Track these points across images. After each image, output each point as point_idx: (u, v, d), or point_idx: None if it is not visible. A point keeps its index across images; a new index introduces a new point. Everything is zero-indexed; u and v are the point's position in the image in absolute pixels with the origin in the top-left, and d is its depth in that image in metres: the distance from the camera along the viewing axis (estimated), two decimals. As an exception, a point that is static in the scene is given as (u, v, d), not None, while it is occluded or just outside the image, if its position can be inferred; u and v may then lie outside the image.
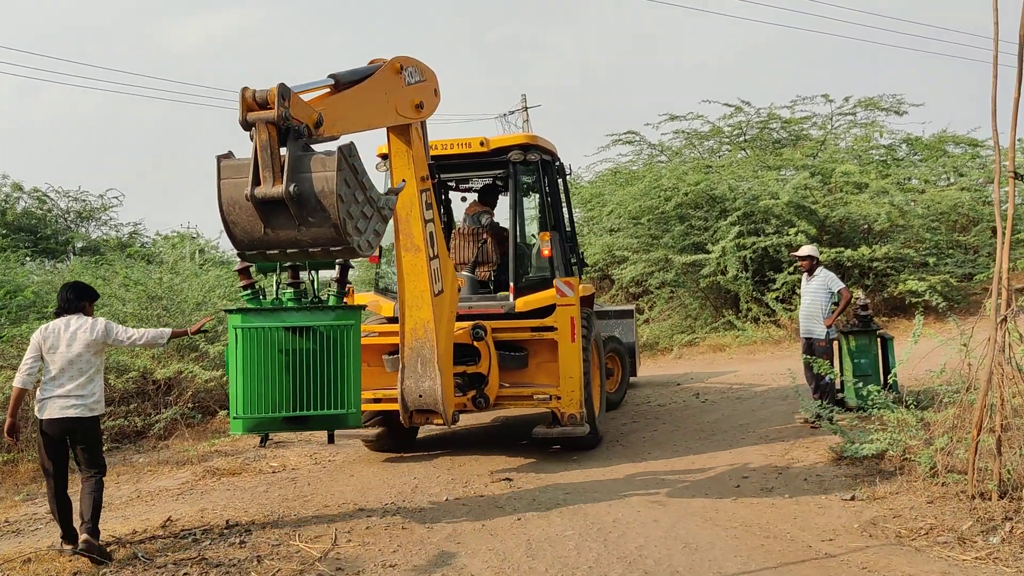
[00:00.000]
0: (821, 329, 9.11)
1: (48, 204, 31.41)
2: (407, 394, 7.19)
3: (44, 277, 17.45)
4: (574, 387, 7.75)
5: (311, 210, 4.84)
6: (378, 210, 5.22)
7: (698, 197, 17.07)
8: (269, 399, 6.04)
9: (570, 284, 7.97)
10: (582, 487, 7.02)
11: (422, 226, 6.83)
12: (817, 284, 9.23)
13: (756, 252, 16.09)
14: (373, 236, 5.18)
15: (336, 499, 6.99)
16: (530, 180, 8.95)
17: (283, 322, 6.15)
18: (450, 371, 7.39)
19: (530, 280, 8.41)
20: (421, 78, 6.71)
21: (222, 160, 5.00)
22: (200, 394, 10.80)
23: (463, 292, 8.28)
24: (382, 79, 6.17)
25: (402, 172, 6.83)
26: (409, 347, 7.12)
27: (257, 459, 8.67)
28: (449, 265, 7.44)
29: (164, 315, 11.65)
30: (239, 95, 4.92)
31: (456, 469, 7.90)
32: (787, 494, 6.55)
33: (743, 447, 8.27)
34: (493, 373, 7.87)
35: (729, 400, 10.95)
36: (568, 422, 7.77)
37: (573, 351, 7.78)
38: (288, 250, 5.06)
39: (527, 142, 8.45)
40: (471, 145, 8.34)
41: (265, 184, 4.81)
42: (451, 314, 7.50)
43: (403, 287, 7.05)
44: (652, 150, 22.18)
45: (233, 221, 4.95)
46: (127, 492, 7.73)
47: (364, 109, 5.93)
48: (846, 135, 20.98)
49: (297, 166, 4.82)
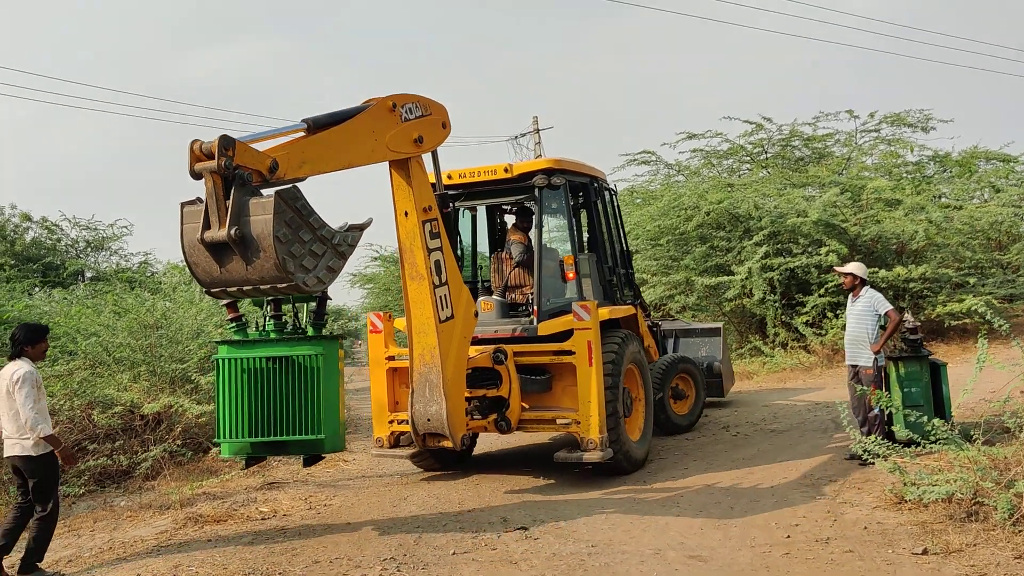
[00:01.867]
0: (868, 355, 8.25)
1: (57, 234, 31.03)
2: (416, 418, 7.29)
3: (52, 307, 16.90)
4: (592, 411, 7.65)
5: (254, 251, 5.29)
6: (333, 247, 5.66)
7: (720, 216, 16.27)
8: (248, 424, 6.51)
9: (587, 308, 7.78)
10: (609, 540, 6.16)
11: (425, 255, 7.02)
12: (862, 306, 8.37)
13: (783, 274, 15.24)
14: (325, 272, 5.60)
15: (328, 552, 6.16)
16: (553, 204, 8.79)
17: (260, 352, 6.61)
18: (458, 396, 7.38)
19: (556, 304, 8.28)
20: (423, 112, 7.05)
21: (185, 206, 5.51)
22: (191, 430, 10.05)
23: (490, 316, 8.47)
24: (369, 118, 6.49)
25: (404, 204, 7.04)
26: (418, 372, 7.23)
27: (246, 504, 7.86)
28: (462, 292, 7.47)
29: (158, 345, 10.92)
30: (188, 147, 5.38)
31: (465, 516, 7.07)
32: (847, 546, 5.67)
33: (786, 488, 7.39)
34: (514, 396, 7.89)
35: (763, 433, 10.06)
36: (587, 447, 7.67)
37: (591, 375, 7.67)
38: (244, 287, 5.51)
39: (551, 166, 8.38)
40: (496, 172, 8.47)
41: (213, 228, 5.32)
42: (463, 339, 7.46)
43: (410, 314, 7.21)
44: (669, 170, 21.42)
45: (194, 262, 5.50)
46: (100, 542, 6.94)
47: (341, 149, 6.24)
48: (871, 152, 20.13)
49: (240, 211, 5.27)
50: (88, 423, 9.51)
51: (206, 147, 5.31)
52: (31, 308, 15.41)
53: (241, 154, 5.37)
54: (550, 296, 8.36)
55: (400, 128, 6.78)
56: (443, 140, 7.40)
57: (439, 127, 7.27)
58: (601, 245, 9.16)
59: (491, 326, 8.30)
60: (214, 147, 5.24)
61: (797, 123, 20.44)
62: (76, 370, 10.66)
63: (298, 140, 5.98)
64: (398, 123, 6.77)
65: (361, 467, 9.57)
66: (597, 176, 9.34)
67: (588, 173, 9.13)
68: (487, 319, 8.46)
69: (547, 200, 8.52)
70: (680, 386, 10.67)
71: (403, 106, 6.84)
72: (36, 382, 6.04)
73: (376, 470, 9.36)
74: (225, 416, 6.57)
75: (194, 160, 5.35)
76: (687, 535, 6.18)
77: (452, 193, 8.72)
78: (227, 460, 8.65)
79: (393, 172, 7.03)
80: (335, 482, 8.79)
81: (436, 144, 7.33)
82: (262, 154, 5.58)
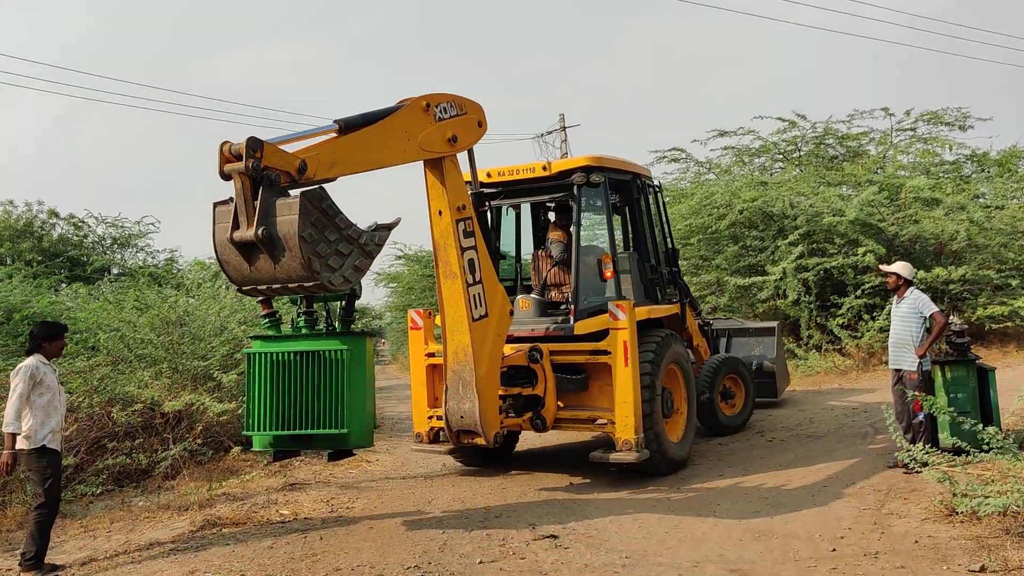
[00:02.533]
0: (912, 359, 7.88)
1: (84, 231, 31.20)
2: (450, 415, 7.32)
3: (76, 303, 16.84)
4: (628, 412, 7.55)
5: (281, 250, 5.38)
6: (359, 247, 5.72)
7: (753, 215, 15.88)
8: (277, 417, 6.58)
9: (622, 307, 7.67)
10: (643, 551, 5.86)
11: (458, 254, 7.03)
12: (907, 308, 8.00)
13: (818, 274, 14.82)
14: (351, 271, 5.67)
15: (350, 559, 5.91)
16: (596, 202, 8.73)
17: (289, 347, 6.69)
18: (491, 394, 7.37)
19: (593, 303, 8.15)
20: (458, 112, 7.05)
21: (217, 206, 5.61)
22: (213, 428, 9.83)
23: (528, 314, 8.40)
24: (402, 118, 6.51)
25: (438, 203, 7.05)
26: (451, 370, 7.26)
27: (266, 506, 7.63)
28: (497, 290, 7.48)
29: (180, 342, 10.75)
30: (218, 149, 5.46)
31: (491, 521, 6.79)
32: (898, 562, 5.33)
33: (828, 497, 7.05)
34: (550, 395, 7.88)
35: (800, 439, 9.71)
36: (622, 447, 7.57)
37: (627, 375, 7.56)
38: (273, 286, 5.58)
39: (590, 164, 8.26)
40: (535, 170, 8.43)
41: (242, 228, 5.42)
42: (497, 338, 7.44)
43: (443, 312, 7.24)
44: (699, 167, 20.98)
45: (226, 260, 5.61)
46: (116, 544, 6.74)
47: (372, 150, 6.27)
48: (908, 151, 19.60)
49: (268, 211, 5.36)
50: (108, 420, 9.33)
51: (235, 148, 5.39)
52: (55, 304, 15.37)
53: (269, 155, 5.45)
54: (588, 295, 8.24)
55: (434, 128, 6.79)
56: (479, 139, 7.40)
57: (474, 126, 7.28)
58: (643, 243, 9.05)
59: (528, 324, 8.24)
60: (242, 148, 5.33)
61: (831, 121, 19.96)
62: (97, 366, 10.51)
63: (329, 141, 6.03)
64: (432, 123, 6.78)
65: (385, 468, 9.33)
66: (640, 173, 9.18)
67: (630, 170, 8.99)
68: (525, 317, 8.39)
69: (586, 198, 8.46)
70: (729, 387, 10.48)
71: (437, 106, 6.85)
72: (35, 377, 6.04)
73: (400, 471, 9.11)
74: (255, 409, 6.67)
75: (223, 161, 5.45)
76: (726, 547, 5.86)
77: (490, 191, 8.79)
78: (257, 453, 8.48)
79: (427, 171, 7.03)
80: (358, 483, 8.56)
81: (471, 143, 7.33)
82: (291, 155, 5.65)
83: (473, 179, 7.70)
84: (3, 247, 28.30)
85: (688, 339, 9.83)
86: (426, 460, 9.60)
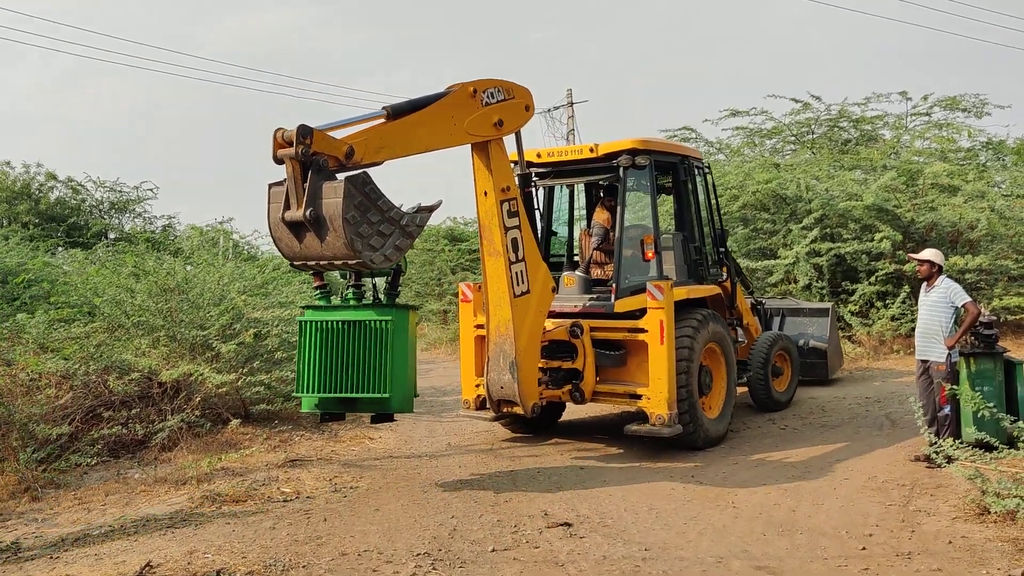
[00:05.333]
0: (940, 350, 7.61)
1: (82, 194, 30.79)
2: (491, 385, 7.74)
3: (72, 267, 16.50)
4: (662, 388, 7.84)
5: (326, 230, 5.83)
6: (401, 228, 6.14)
7: (765, 198, 15.54)
8: (323, 380, 6.96)
9: (660, 288, 7.91)
10: (663, 543, 5.60)
11: (502, 233, 7.37)
12: (937, 297, 7.72)
13: (831, 260, 14.53)
14: (392, 251, 6.10)
15: (356, 544, 5.65)
16: (643, 183, 8.89)
17: (337, 316, 7.10)
18: (530, 366, 7.74)
19: (635, 282, 8.40)
20: (505, 97, 7.33)
21: (272, 187, 6.10)
22: (211, 399, 9.54)
23: (572, 291, 8.72)
24: (449, 104, 6.82)
25: (483, 184, 7.38)
26: (493, 342, 7.63)
27: (267, 483, 7.36)
28: (540, 268, 7.79)
29: (178, 310, 10.43)
30: (272, 136, 5.90)
31: (502, 506, 6.54)
32: (933, 564, 5.08)
33: (851, 491, 6.80)
34: (588, 370, 8.19)
35: (814, 428, 9.45)
36: (656, 422, 7.87)
37: (662, 353, 7.84)
38: (320, 262, 6.08)
39: (636, 147, 8.48)
40: (582, 151, 8.79)
41: (292, 209, 5.90)
42: (538, 313, 7.77)
43: (486, 288, 7.63)
44: (709, 148, 20.61)
45: (278, 238, 6.10)
46: (111, 518, 6.47)
47: (418, 135, 6.60)
48: (924, 136, 19.23)
49: (315, 194, 5.82)
50: (104, 389, 9.03)
51: (287, 135, 5.80)
52: (51, 267, 15.04)
53: (318, 142, 5.85)
54: (630, 274, 8.50)
55: (480, 112, 7.07)
56: (525, 122, 7.67)
57: (521, 110, 7.54)
58: (689, 224, 9.24)
59: (571, 301, 8.58)
60: (293, 135, 5.73)
61: (847, 103, 19.59)
62: (93, 333, 10.21)
63: (377, 127, 6.38)
64: (478, 108, 7.06)
65: (388, 446, 9.06)
66: (688, 155, 9.38)
67: (678, 152, 9.24)
68: (568, 294, 8.72)
69: (632, 179, 8.73)
70: (778, 363, 10.61)
71: (484, 91, 7.12)
72: None
73: (404, 449, 8.85)
74: (303, 372, 7.06)
75: (276, 147, 5.89)
76: (749, 541, 5.61)
77: (540, 172, 9.14)
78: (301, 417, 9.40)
79: (474, 154, 7.35)
80: (361, 461, 8.29)
81: (517, 126, 7.60)
82: (339, 141, 6.05)
83: (520, 160, 8.04)
84: (0, 209, 27.92)
85: (738, 318, 10.06)
86: (429, 438, 9.35)
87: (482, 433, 9.44)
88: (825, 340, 11.87)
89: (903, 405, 10.29)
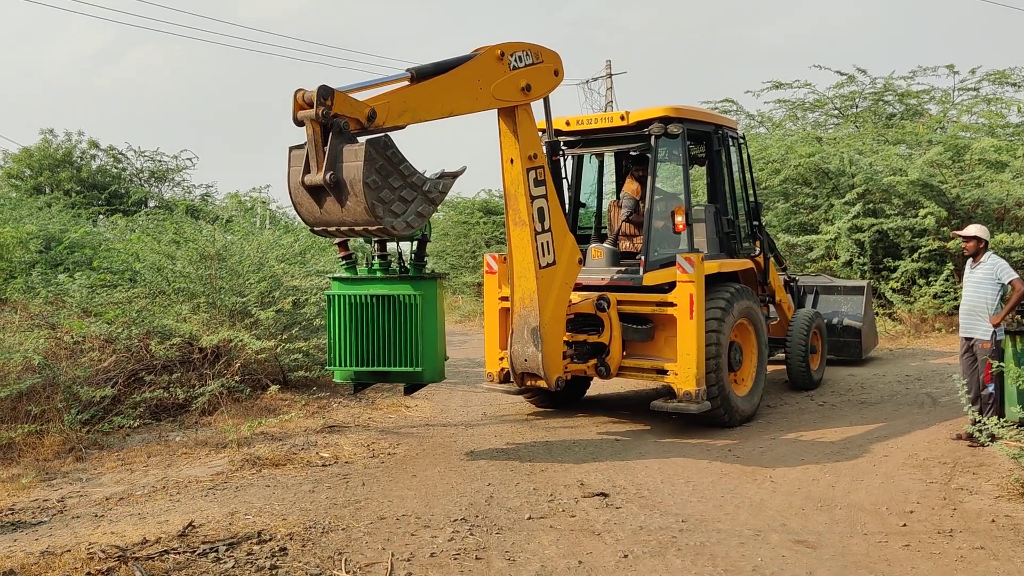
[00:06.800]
0: (986, 328, 7.46)
1: (123, 163, 31.20)
2: (514, 357, 7.59)
3: (114, 235, 16.76)
4: (691, 364, 7.66)
5: (347, 195, 5.61)
6: (423, 194, 5.93)
7: (807, 172, 15.29)
8: (355, 353, 6.93)
9: (691, 260, 7.67)
10: (700, 515, 5.58)
11: (528, 202, 7.15)
12: (983, 273, 7.55)
13: (873, 236, 14.28)
14: (414, 217, 5.88)
15: (394, 508, 5.70)
16: (675, 152, 8.65)
17: (366, 289, 7.00)
18: (555, 339, 7.56)
19: (664, 255, 8.16)
20: (534, 60, 7.07)
21: (292, 150, 5.84)
22: (250, 365, 9.66)
23: (600, 263, 8.50)
24: (475, 67, 6.56)
25: (510, 152, 7.15)
26: (517, 314, 7.46)
27: (306, 448, 7.45)
28: (566, 239, 7.57)
29: (218, 277, 10.54)
30: (292, 96, 5.63)
31: (538, 475, 6.56)
32: (976, 542, 5.01)
33: (890, 467, 6.72)
34: (615, 344, 7.99)
35: (852, 405, 9.35)
36: (683, 398, 7.71)
37: (691, 328, 7.64)
38: (341, 228, 5.87)
39: (668, 115, 8.17)
40: (612, 119, 8.43)
41: (312, 172, 5.66)
42: (563, 285, 7.58)
43: (511, 259, 7.44)
44: (751, 120, 20.30)
45: (299, 202, 5.89)
46: (153, 479, 6.59)
47: (443, 98, 6.36)
48: (971, 111, 18.76)
49: (336, 157, 5.59)
50: (146, 353, 9.18)
51: (307, 96, 5.55)
52: (93, 235, 15.29)
53: (340, 103, 5.63)
54: (659, 247, 8.27)
55: (508, 76, 6.84)
56: (554, 87, 7.40)
57: (550, 74, 7.30)
58: (722, 196, 8.94)
59: (598, 274, 8.38)
60: (313, 96, 5.49)
61: (893, 76, 19.17)
62: (135, 298, 10.37)
63: (401, 89, 6.16)
64: (506, 71, 6.83)
65: (424, 414, 9.12)
66: (723, 124, 9.04)
67: (712, 121, 8.87)
68: (596, 266, 8.51)
69: (664, 149, 8.50)
70: (812, 342, 10.43)
71: (512, 54, 6.89)
72: None
73: (439, 418, 8.91)
74: (335, 345, 7.01)
75: (297, 108, 5.63)
76: (787, 516, 5.57)
77: (569, 140, 8.80)
78: (338, 384, 9.30)
79: (501, 120, 7.13)
80: (397, 428, 8.36)
81: (546, 92, 7.35)
82: (361, 103, 5.82)
83: (548, 128, 7.86)
84: (43, 176, 28.40)
85: (771, 294, 9.81)
86: (465, 408, 9.39)
87: (517, 404, 9.44)
88: (860, 319, 11.66)
89: (944, 383, 10.15)
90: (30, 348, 8.22)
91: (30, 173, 28.85)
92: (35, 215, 17.03)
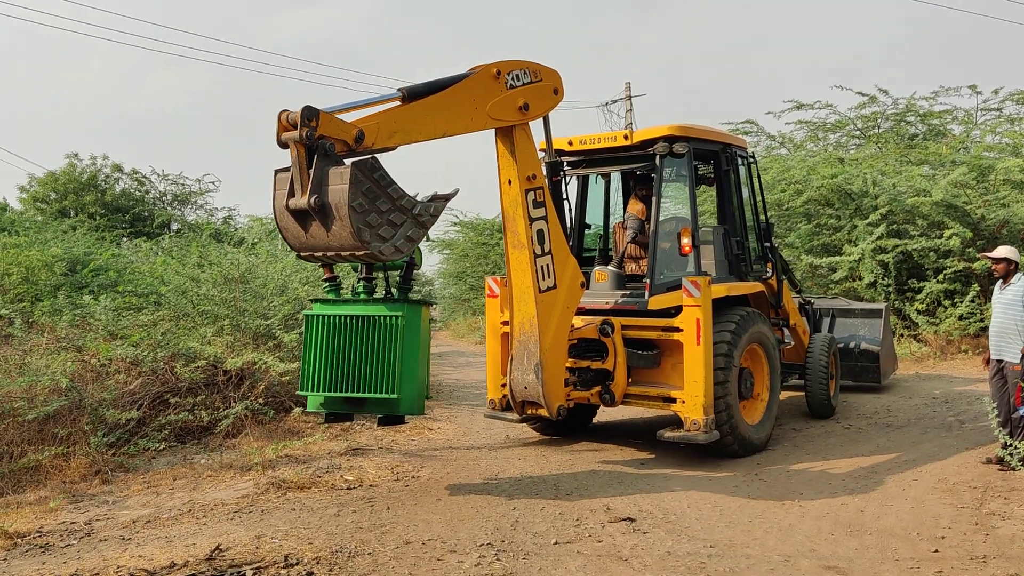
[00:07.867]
0: (1016, 350, 7.37)
1: (146, 186, 31.59)
2: (514, 385, 7.33)
3: (138, 257, 16.96)
4: (698, 391, 7.35)
5: (332, 219, 5.44)
6: (413, 217, 5.75)
7: (830, 192, 15.23)
8: (328, 377, 6.48)
9: (697, 284, 7.39)
10: (728, 540, 5.53)
11: (526, 224, 6.97)
12: (1013, 295, 7.47)
13: (897, 257, 14.18)
14: (403, 242, 5.70)
15: (420, 533, 5.69)
16: (681, 173, 8.37)
17: (346, 310, 6.61)
18: (556, 366, 7.30)
19: (670, 278, 7.88)
20: (532, 79, 6.89)
21: (278, 173, 5.68)
22: (274, 387, 9.71)
23: (604, 286, 8.26)
24: (469, 86, 6.38)
25: (508, 172, 6.96)
26: (517, 340, 7.22)
27: (330, 470, 7.46)
28: (568, 262, 7.36)
29: (242, 300, 10.63)
30: (276, 118, 5.47)
31: (563, 499, 6.52)
32: (1010, 568, 4.93)
33: (920, 492, 6.63)
34: (619, 370, 7.71)
35: (879, 428, 9.25)
36: (691, 427, 7.39)
37: (698, 354, 7.34)
38: (327, 253, 5.68)
39: (673, 133, 7.92)
40: (616, 139, 8.25)
41: (297, 196, 5.51)
42: (565, 310, 7.34)
43: (510, 282, 7.24)
44: (771, 141, 20.29)
45: (284, 227, 5.74)
46: (179, 502, 6.62)
47: (435, 118, 6.17)
48: (993, 131, 18.65)
49: (321, 180, 5.44)
50: (171, 375, 9.25)
51: (292, 117, 5.41)
52: (118, 257, 15.46)
53: (325, 124, 5.48)
54: (665, 269, 8.03)
55: (504, 96, 6.66)
56: (554, 107, 7.23)
57: (549, 93, 7.11)
58: (731, 217, 8.60)
59: (603, 297, 8.12)
60: (298, 117, 5.36)
61: (915, 97, 19.10)
62: (160, 321, 10.46)
63: (391, 110, 5.96)
64: (502, 90, 6.64)
65: (447, 436, 9.11)
66: (732, 143, 8.74)
67: (719, 140, 8.55)
68: (600, 289, 8.27)
69: (670, 168, 8.21)
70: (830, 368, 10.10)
71: (509, 73, 6.70)
72: None
73: (462, 441, 8.89)
74: (309, 369, 6.59)
75: (281, 130, 5.48)
76: (817, 541, 5.51)
77: (571, 160, 8.60)
78: (310, 414, 8.78)
79: (498, 140, 6.96)
80: (421, 451, 8.35)
81: (545, 111, 7.18)
82: (348, 124, 5.66)
83: (548, 148, 7.61)
84: (68, 199, 28.81)
85: (785, 318, 9.45)
86: (487, 430, 9.37)
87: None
88: (878, 343, 11.27)
89: (972, 406, 10.02)
90: (57, 370, 8.31)
91: (55, 196, 29.29)
92: (60, 238, 17.27)
